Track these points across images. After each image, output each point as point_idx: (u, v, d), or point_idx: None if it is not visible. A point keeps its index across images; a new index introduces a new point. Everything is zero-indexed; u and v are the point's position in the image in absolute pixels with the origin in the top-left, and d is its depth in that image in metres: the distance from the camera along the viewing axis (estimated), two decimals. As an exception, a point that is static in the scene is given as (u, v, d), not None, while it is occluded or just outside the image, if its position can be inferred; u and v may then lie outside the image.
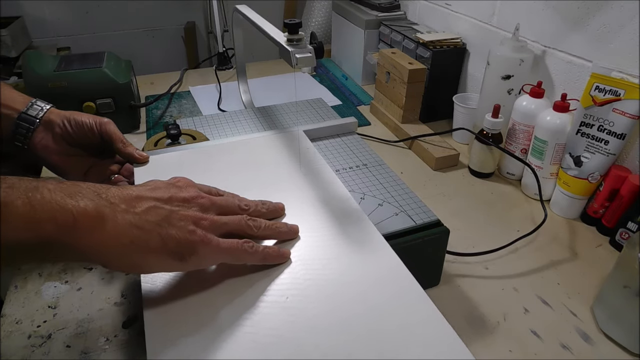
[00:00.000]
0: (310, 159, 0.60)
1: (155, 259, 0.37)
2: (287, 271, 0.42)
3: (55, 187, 0.34)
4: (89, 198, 0.35)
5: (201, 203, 0.41)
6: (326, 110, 0.85)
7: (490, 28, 0.88)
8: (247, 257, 0.41)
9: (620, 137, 0.62)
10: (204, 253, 0.38)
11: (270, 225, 0.44)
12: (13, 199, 0.31)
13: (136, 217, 0.36)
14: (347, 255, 0.44)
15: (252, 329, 0.37)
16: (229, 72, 1.20)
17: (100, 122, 0.57)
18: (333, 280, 0.41)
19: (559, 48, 0.74)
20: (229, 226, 0.41)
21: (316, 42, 0.59)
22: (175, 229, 0.37)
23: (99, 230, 0.34)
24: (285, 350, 0.35)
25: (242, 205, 0.45)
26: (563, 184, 0.68)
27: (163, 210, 0.38)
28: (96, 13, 1.77)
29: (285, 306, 0.39)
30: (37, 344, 0.48)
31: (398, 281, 0.41)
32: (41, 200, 0.32)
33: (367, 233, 0.47)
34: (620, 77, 0.60)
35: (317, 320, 0.38)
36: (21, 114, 0.55)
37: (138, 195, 0.38)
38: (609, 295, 0.51)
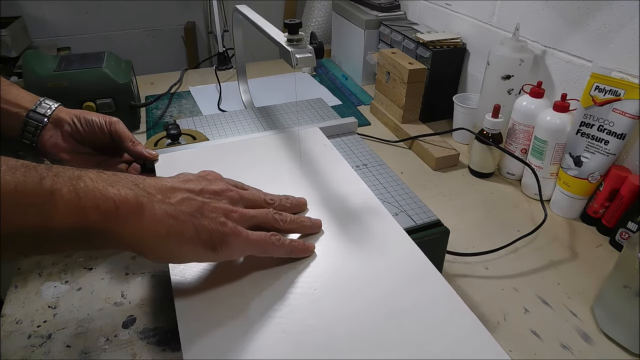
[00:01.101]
0: (328, 155, 0.61)
1: (189, 249, 0.37)
2: (313, 264, 0.43)
3: (96, 176, 0.35)
4: (128, 187, 0.35)
5: (230, 196, 0.42)
6: (326, 110, 0.85)
7: (490, 28, 0.88)
8: (274, 249, 0.42)
9: (620, 137, 0.62)
10: (234, 244, 0.39)
11: (295, 219, 0.46)
12: (60, 187, 0.32)
13: (171, 207, 0.37)
14: (371, 249, 0.45)
15: (282, 319, 0.38)
16: (229, 72, 1.20)
17: (110, 121, 0.58)
18: (358, 273, 0.42)
19: (559, 48, 0.74)
20: (256, 219, 0.42)
21: (316, 42, 0.59)
22: (207, 220, 0.38)
23: (139, 218, 0.35)
24: (317, 340, 0.36)
25: (268, 199, 0.46)
26: (563, 184, 0.68)
27: (196, 201, 0.39)
28: (96, 13, 1.77)
29: (314, 298, 0.40)
30: (37, 344, 0.48)
31: (423, 274, 0.42)
32: (85, 189, 0.33)
33: (389, 227, 0.48)
34: (620, 77, 0.60)
35: (346, 311, 0.39)
36: (30, 112, 0.55)
37: (172, 186, 0.39)
38: (609, 295, 0.51)
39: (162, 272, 0.58)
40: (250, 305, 0.39)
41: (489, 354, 0.35)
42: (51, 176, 0.32)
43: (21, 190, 0.30)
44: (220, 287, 0.41)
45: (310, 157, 0.60)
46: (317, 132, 0.67)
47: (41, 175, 0.32)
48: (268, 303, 0.40)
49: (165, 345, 0.49)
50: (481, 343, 0.36)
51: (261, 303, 0.40)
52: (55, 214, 0.31)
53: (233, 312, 0.39)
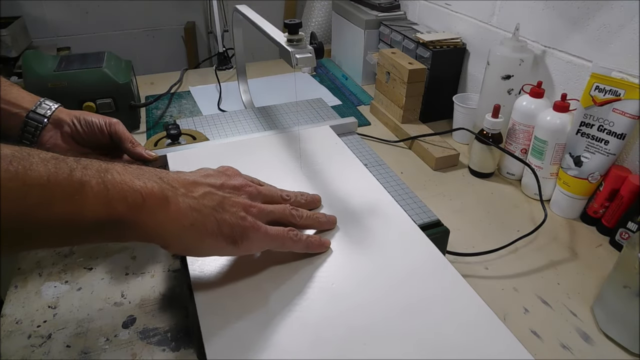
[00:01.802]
0: (340, 152, 0.62)
1: (210, 242, 0.38)
2: (329, 259, 0.44)
3: (122, 169, 0.35)
4: (154, 180, 0.36)
5: (249, 191, 0.43)
6: (326, 110, 0.85)
7: (490, 28, 0.88)
8: (291, 244, 0.43)
9: (620, 137, 0.62)
10: (253, 238, 0.40)
11: (311, 215, 0.47)
12: (89, 179, 0.32)
13: (194, 201, 0.38)
14: (385, 244, 0.46)
15: (302, 313, 0.39)
16: (229, 72, 1.20)
17: (110, 122, 0.58)
18: (373, 267, 0.43)
19: (559, 48, 0.74)
20: (274, 214, 0.43)
21: (316, 42, 0.59)
22: (228, 215, 0.39)
23: (164, 211, 0.35)
24: (337, 332, 0.37)
25: (284, 195, 0.47)
26: (563, 184, 0.68)
27: (217, 196, 0.40)
28: (96, 13, 1.77)
29: (332, 292, 0.41)
30: (37, 344, 0.48)
31: (436, 268, 0.44)
32: (112, 181, 0.33)
33: (401, 222, 0.49)
34: (620, 77, 0.60)
35: (364, 304, 0.39)
36: (30, 113, 0.55)
37: (194, 180, 0.40)
38: (609, 295, 0.51)
39: (162, 272, 0.58)
40: (269, 299, 0.40)
41: (501, 343, 0.36)
42: (80, 168, 0.33)
43: (53, 181, 0.31)
44: (239, 281, 0.42)
45: (322, 155, 0.61)
46: (327, 130, 0.68)
47: (71, 167, 0.32)
48: (287, 297, 0.40)
49: (165, 345, 0.49)
50: (495, 333, 0.37)
51: (280, 297, 0.40)
52: (85, 205, 0.32)
53: (253, 305, 0.39)
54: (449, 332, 0.37)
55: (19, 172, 0.29)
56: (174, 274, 0.58)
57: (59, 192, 0.31)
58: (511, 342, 0.36)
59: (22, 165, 0.30)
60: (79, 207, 0.32)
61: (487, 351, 0.36)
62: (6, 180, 0.28)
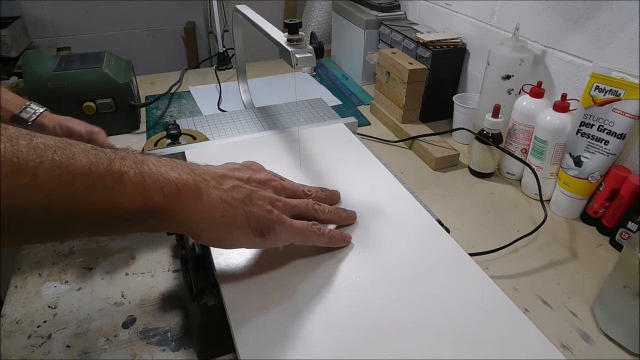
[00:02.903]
0: (355, 149, 0.63)
1: (240, 234, 0.39)
2: (351, 254, 0.45)
3: (157, 160, 0.36)
4: (187, 172, 0.37)
5: (274, 185, 0.44)
6: (326, 110, 0.85)
7: (490, 28, 0.88)
8: (315, 238, 0.43)
9: (620, 137, 0.62)
10: (279, 231, 0.41)
11: (332, 210, 0.48)
12: (127, 170, 0.33)
13: (224, 193, 0.39)
14: (403, 238, 0.47)
15: (327, 305, 0.40)
16: (229, 72, 1.20)
17: (91, 131, 0.58)
18: (394, 260, 0.44)
19: (559, 48, 0.74)
20: (298, 209, 0.44)
21: (316, 42, 0.59)
22: (256, 207, 0.40)
23: (197, 202, 0.36)
24: (363, 324, 0.38)
25: (306, 191, 0.48)
26: (563, 184, 0.68)
27: (245, 189, 0.41)
28: (96, 13, 1.77)
29: (356, 285, 0.42)
30: (37, 344, 0.48)
31: (455, 260, 0.45)
32: (149, 172, 0.34)
33: (418, 217, 0.51)
34: (620, 77, 0.60)
35: (388, 297, 0.40)
36: (14, 116, 0.55)
37: (223, 174, 0.41)
38: (609, 295, 0.51)
39: (162, 272, 0.58)
40: (294, 291, 0.41)
41: (524, 334, 0.37)
42: (118, 159, 0.33)
43: (94, 171, 0.31)
44: (264, 275, 0.43)
45: (338, 152, 0.62)
46: (342, 127, 0.68)
47: (109, 157, 0.33)
48: (312, 290, 0.41)
49: (165, 345, 0.49)
50: (517, 325, 0.38)
51: (305, 289, 0.41)
52: (124, 195, 0.32)
53: (279, 298, 0.40)
54: (472, 325, 0.38)
55: (63, 162, 0.30)
56: (174, 274, 0.58)
57: (100, 182, 0.31)
58: (534, 333, 0.37)
59: (65, 155, 0.30)
60: (118, 197, 0.32)
61: (511, 343, 0.37)
62: (53, 168, 0.29)
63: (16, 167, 0.28)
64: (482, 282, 0.42)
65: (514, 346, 0.36)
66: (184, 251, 0.49)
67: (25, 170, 0.28)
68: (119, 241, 0.63)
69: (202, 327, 0.45)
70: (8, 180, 0.27)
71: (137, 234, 0.64)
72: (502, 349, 0.36)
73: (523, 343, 0.37)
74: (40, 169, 0.28)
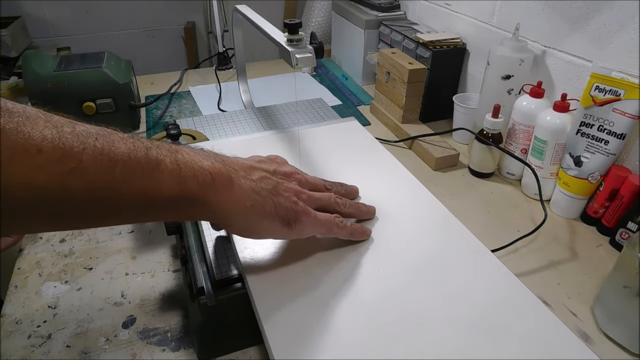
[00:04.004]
0: (370, 146, 0.64)
1: (268, 223, 0.40)
2: (372, 247, 0.46)
3: (189, 150, 0.37)
4: (218, 162, 0.38)
5: (298, 178, 0.46)
6: (326, 110, 0.85)
7: (490, 28, 0.88)
8: (338, 230, 0.44)
9: (620, 137, 0.62)
10: (305, 223, 0.41)
11: (353, 204, 0.49)
12: (163, 158, 0.34)
13: (253, 183, 0.40)
14: (423, 232, 0.48)
15: (354, 296, 0.40)
16: (229, 72, 1.20)
17: None
18: (416, 254, 0.45)
19: (559, 48, 0.74)
20: (321, 201, 0.45)
21: (316, 42, 0.59)
22: (282, 198, 0.41)
23: (229, 190, 0.37)
24: (390, 315, 0.39)
25: (327, 185, 0.49)
26: (563, 184, 0.68)
27: (272, 180, 0.42)
28: (96, 13, 1.77)
29: (380, 277, 0.43)
30: (37, 344, 0.48)
31: (477, 256, 0.46)
32: (183, 160, 0.35)
33: (436, 211, 0.52)
34: (620, 77, 0.60)
35: (412, 289, 0.41)
36: None
37: (251, 165, 0.42)
38: (609, 295, 0.51)
39: (162, 272, 0.58)
40: (320, 283, 0.42)
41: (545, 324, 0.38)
42: (154, 147, 0.34)
43: (133, 158, 0.32)
44: (288, 267, 0.43)
45: (354, 150, 0.63)
46: (355, 124, 0.69)
47: (146, 146, 0.34)
48: (337, 281, 0.42)
49: (165, 346, 0.49)
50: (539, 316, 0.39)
51: (330, 281, 0.42)
52: (162, 182, 0.33)
53: (304, 290, 0.41)
54: (498, 318, 0.39)
55: (104, 149, 0.30)
56: (174, 274, 0.58)
57: (139, 169, 0.32)
58: (555, 324, 0.38)
59: (106, 142, 0.31)
60: (156, 184, 0.33)
61: (536, 335, 0.37)
62: (96, 155, 0.30)
63: (62, 153, 0.28)
64: (504, 276, 0.43)
65: (539, 338, 0.37)
66: (184, 251, 0.49)
67: (71, 156, 0.29)
68: (119, 241, 0.63)
69: (202, 327, 0.45)
70: (55, 165, 0.28)
71: (137, 234, 0.64)
72: (528, 341, 0.37)
73: (547, 335, 0.38)
74: (84, 155, 0.29)
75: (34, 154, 0.27)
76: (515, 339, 0.37)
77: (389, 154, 0.62)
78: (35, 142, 0.27)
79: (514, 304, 0.40)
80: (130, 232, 0.65)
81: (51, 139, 0.28)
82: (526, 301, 0.41)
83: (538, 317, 0.39)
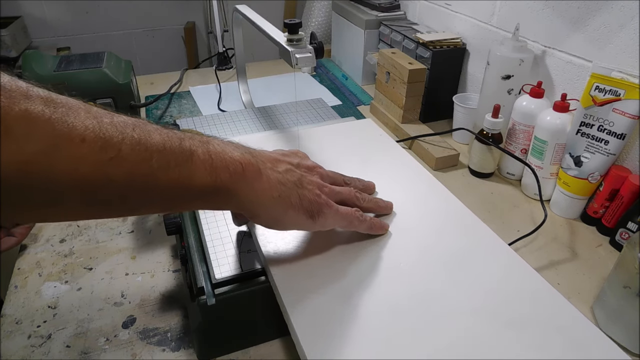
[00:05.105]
0: (384, 143, 0.66)
1: (293, 214, 0.40)
2: (391, 241, 0.47)
3: (219, 141, 0.38)
4: (247, 153, 0.39)
5: (320, 172, 0.47)
6: (326, 110, 0.85)
7: (490, 28, 0.88)
8: (358, 224, 0.45)
9: (620, 137, 0.62)
10: (327, 215, 0.42)
11: (372, 199, 0.50)
12: (196, 148, 0.35)
13: (280, 175, 0.41)
14: (440, 227, 0.49)
15: (376, 288, 0.41)
16: (229, 72, 1.20)
17: None
18: (436, 249, 0.46)
19: (558, 48, 0.74)
20: (342, 195, 0.46)
21: (316, 42, 0.59)
22: (306, 191, 0.42)
23: (258, 181, 0.38)
24: (417, 306, 0.40)
25: (346, 180, 0.51)
26: (563, 184, 0.68)
27: (296, 173, 0.43)
28: (96, 13, 1.77)
29: (402, 270, 0.43)
30: (37, 344, 0.48)
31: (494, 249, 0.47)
32: (214, 151, 0.36)
33: (451, 205, 0.53)
34: (620, 77, 0.60)
35: (435, 282, 0.42)
36: None
37: (276, 158, 0.43)
38: (609, 295, 0.51)
39: (162, 272, 0.58)
40: (343, 275, 0.43)
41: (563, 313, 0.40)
42: (187, 138, 0.35)
43: (169, 148, 0.33)
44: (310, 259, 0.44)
45: (368, 147, 0.65)
46: (369, 123, 0.71)
47: (179, 137, 0.34)
48: (359, 273, 0.43)
49: (165, 346, 0.49)
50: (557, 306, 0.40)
51: (352, 273, 0.43)
52: (195, 172, 0.34)
53: (328, 282, 0.42)
54: (517, 307, 0.40)
55: (141, 139, 0.31)
56: (174, 274, 0.58)
57: (174, 159, 0.33)
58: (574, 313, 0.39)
59: (143, 133, 0.32)
60: (190, 173, 0.34)
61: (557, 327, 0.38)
62: (134, 145, 0.31)
63: (103, 142, 0.29)
64: (523, 269, 0.44)
65: (560, 329, 0.38)
66: (184, 251, 0.49)
67: (111, 145, 0.29)
68: (119, 241, 0.63)
69: (202, 327, 0.45)
70: (97, 155, 0.29)
71: (137, 234, 0.64)
72: (550, 332, 0.38)
73: (566, 325, 0.38)
74: (123, 145, 0.30)
75: (77, 143, 0.28)
76: (537, 329, 0.38)
77: (404, 151, 0.64)
78: (79, 131, 0.28)
79: (534, 296, 0.41)
80: (130, 232, 0.65)
81: (92, 129, 0.29)
82: (545, 293, 0.42)
83: (557, 308, 0.40)
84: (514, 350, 0.36)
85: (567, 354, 0.36)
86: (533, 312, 0.40)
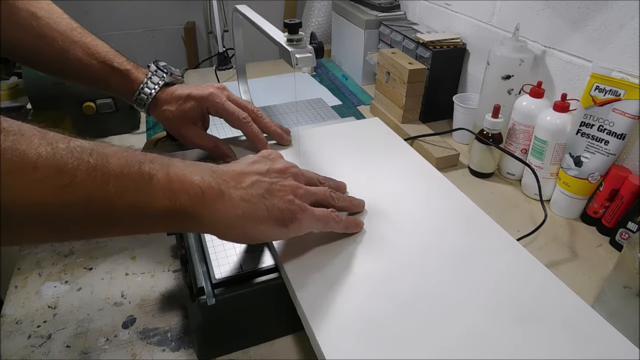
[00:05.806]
0: (392, 141, 0.67)
1: (263, 227, 0.41)
2: (400, 238, 0.48)
3: (182, 163, 0.38)
4: (209, 175, 0.39)
5: (294, 172, 0.46)
6: (326, 110, 0.85)
7: (490, 28, 0.88)
8: (334, 225, 0.46)
9: (620, 137, 0.62)
10: (302, 219, 0.42)
11: (345, 197, 0.50)
12: (155, 172, 0.35)
13: (244, 191, 0.40)
14: (453, 225, 0.50)
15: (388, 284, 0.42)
16: (229, 72, 1.20)
17: None
18: (449, 245, 0.47)
19: (558, 48, 0.74)
20: (317, 196, 0.46)
21: (316, 42, 0.59)
22: (276, 199, 0.41)
23: (220, 202, 0.38)
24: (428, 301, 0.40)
25: (320, 179, 0.51)
26: (563, 184, 0.68)
27: (264, 182, 0.42)
28: (96, 13, 1.77)
29: (413, 265, 0.44)
30: (37, 344, 0.48)
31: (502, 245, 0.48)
32: (175, 174, 0.36)
33: (459, 202, 0.54)
34: (620, 77, 0.60)
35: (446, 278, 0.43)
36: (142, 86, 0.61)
37: (242, 171, 0.42)
38: (609, 295, 0.51)
39: (162, 272, 0.58)
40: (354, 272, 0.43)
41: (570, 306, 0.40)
42: (148, 162, 0.35)
43: (127, 173, 0.33)
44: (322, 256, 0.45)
45: (376, 145, 0.66)
46: (377, 121, 0.71)
47: (140, 160, 0.35)
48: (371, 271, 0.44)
49: (165, 346, 0.49)
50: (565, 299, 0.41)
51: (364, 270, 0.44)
52: (154, 196, 0.35)
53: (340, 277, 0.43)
54: (527, 303, 0.40)
55: (98, 164, 0.32)
56: (174, 274, 0.58)
57: (132, 184, 0.33)
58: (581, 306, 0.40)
59: (100, 158, 0.32)
60: (149, 198, 0.34)
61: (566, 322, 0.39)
62: (90, 171, 0.31)
63: (57, 169, 0.30)
64: (532, 264, 0.45)
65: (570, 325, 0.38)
66: (184, 251, 0.49)
67: (66, 172, 0.30)
68: (118, 241, 0.63)
69: (202, 327, 0.45)
70: (51, 181, 0.29)
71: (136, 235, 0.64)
72: (559, 328, 0.38)
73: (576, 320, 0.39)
74: (78, 171, 0.30)
75: (29, 170, 0.28)
76: (547, 325, 0.38)
77: (412, 150, 0.64)
78: (31, 159, 0.29)
79: (544, 292, 0.42)
80: (130, 232, 0.65)
81: (46, 156, 0.29)
82: (556, 288, 0.42)
83: (569, 304, 0.40)
84: (524, 345, 0.37)
85: (577, 347, 0.37)
86: (544, 308, 0.40)
